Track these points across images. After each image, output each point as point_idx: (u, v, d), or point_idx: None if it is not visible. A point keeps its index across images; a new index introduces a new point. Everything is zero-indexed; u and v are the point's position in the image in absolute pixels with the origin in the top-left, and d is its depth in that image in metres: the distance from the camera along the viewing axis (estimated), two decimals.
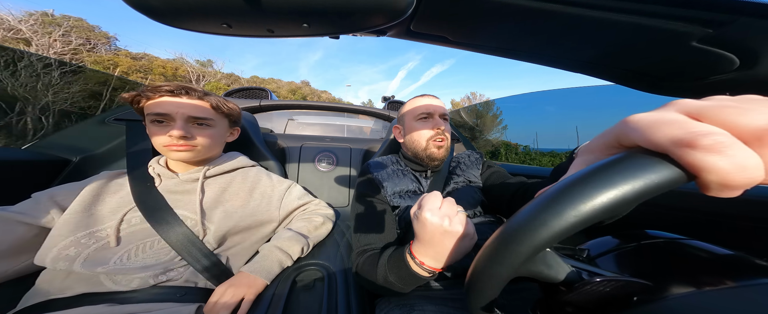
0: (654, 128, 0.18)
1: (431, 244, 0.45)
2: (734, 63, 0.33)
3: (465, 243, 0.44)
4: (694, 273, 0.25)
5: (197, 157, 0.71)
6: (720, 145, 0.15)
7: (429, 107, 0.80)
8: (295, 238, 0.74)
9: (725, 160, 0.15)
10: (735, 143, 0.15)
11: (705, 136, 0.16)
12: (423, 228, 0.44)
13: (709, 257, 0.28)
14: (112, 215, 0.63)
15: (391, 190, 0.78)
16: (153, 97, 0.65)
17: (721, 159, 0.15)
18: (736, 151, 0.15)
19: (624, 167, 0.18)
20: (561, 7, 0.29)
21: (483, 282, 0.24)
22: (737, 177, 0.15)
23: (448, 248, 0.44)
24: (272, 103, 1.61)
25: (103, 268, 0.56)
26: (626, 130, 0.20)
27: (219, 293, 0.58)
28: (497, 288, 0.24)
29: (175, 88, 0.66)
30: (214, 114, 0.72)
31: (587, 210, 0.18)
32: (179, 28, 0.31)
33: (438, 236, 0.43)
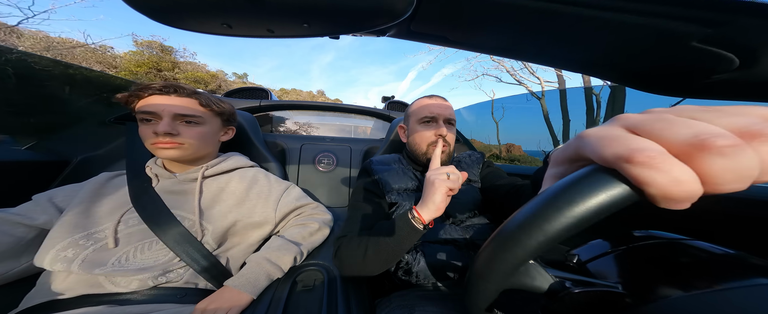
0: (601, 145, 0.18)
1: (428, 194, 0.57)
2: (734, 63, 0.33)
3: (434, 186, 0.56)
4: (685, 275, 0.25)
5: (186, 155, 0.70)
6: (651, 160, 0.16)
7: (433, 110, 0.78)
8: (287, 247, 0.72)
9: (661, 175, 0.16)
10: (666, 158, 0.16)
11: (639, 151, 0.16)
12: (426, 182, 0.59)
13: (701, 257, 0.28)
14: (109, 216, 0.63)
15: (390, 188, 0.77)
16: (143, 96, 0.65)
17: (656, 174, 0.16)
18: (669, 166, 0.16)
19: (581, 188, 0.19)
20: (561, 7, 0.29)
21: (475, 294, 0.26)
22: (675, 190, 0.16)
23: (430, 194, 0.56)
24: (272, 103, 1.61)
25: (101, 270, 0.56)
26: (581, 145, 0.20)
27: (199, 310, 0.55)
28: (490, 298, 0.25)
29: (163, 86, 0.65)
30: (204, 112, 0.71)
31: (553, 231, 0.19)
32: (179, 29, 0.31)
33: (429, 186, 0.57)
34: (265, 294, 0.63)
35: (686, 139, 0.16)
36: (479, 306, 0.26)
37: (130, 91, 0.65)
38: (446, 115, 0.79)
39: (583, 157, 0.20)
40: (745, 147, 0.15)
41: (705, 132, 0.15)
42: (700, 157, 0.15)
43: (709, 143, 0.15)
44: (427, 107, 0.79)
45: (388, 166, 0.84)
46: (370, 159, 0.91)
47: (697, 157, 0.15)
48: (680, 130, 0.16)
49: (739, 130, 0.15)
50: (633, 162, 0.16)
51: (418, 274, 0.67)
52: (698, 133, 0.15)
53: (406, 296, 0.65)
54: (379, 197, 0.77)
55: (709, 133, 0.15)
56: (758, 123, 0.15)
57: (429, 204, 0.56)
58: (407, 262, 0.69)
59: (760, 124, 0.15)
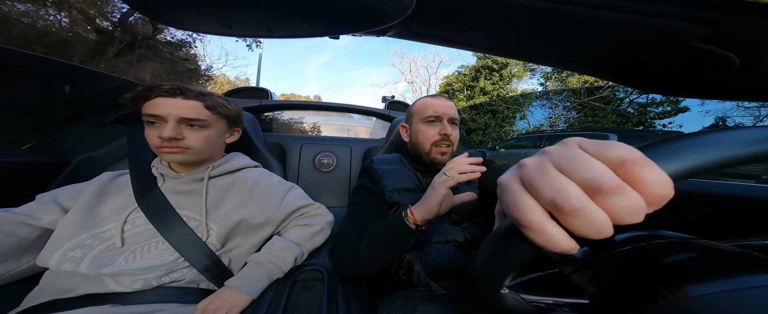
0: (505, 205, 0.22)
1: (427, 195, 0.58)
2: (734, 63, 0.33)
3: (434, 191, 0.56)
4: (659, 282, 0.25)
5: (191, 159, 0.70)
6: (530, 224, 0.19)
7: (438, 109, 0.78)
8: (288, 248, 0.72)
9: (539, 236, 0.19)
10: (542, 222, 0.19)
11: (523, 215, 0.19)
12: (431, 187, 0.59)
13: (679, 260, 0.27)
14: (115, 216, 0.63)
15: (391, 187, 0.77)
16: (150, 97, 0.64)
17: (536, 236, 0.19)
18: (544, 228, 0.19)
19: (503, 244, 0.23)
20: (561, 7, 0.29)
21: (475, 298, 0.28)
22: (555, 248, 0.19)
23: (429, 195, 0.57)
24: (272, 103, 1.61)
25: (108, 269, 0.56)
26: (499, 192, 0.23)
27: (200, 310, 0.55)
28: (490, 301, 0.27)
29: (170, 88, 0.65)
30: (210, 115, 0.71)
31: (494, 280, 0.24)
32: (179, 28, 0.31)
33: (431, 187, 0.58)
34: (265, 294, 0.63)
35: (549, 200, 0.19)
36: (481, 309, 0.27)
37: (136, 91, 0.65)
38: (450, 114, 0.78)
39: None
40: (589, 207, 0.17)
41: (559, 195, 0.18)
42: (560, 217, 0.18)
43: (561, 206, 0.18)
44: (432, 106, 0.79)
45: (389, 166, 0.84)
46: (371, 158, 0.91)
47: (559, 217, 0.19)
48: (546, 191, 0.19)
49: (586, 185, 0.18)
50: (519, 224, 0.20)
51: (419, 274, 0.67)
52: (554, 196, 0.18)
53: (408, 296, 0.65)
54: (379, 197, 0.77)
55: (561, 196, 0.18)
56: (598, 177, 0.18)
57: (424, 204, 0.57)
58: (408, 262, 0.69)
59: (599, 179, 0.18)
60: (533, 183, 0.20)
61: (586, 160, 0.19)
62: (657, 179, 0.17)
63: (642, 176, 0.17)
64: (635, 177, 0.17)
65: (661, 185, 0.17)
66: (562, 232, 0.19)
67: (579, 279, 0.30)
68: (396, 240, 0.59)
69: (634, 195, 0.17)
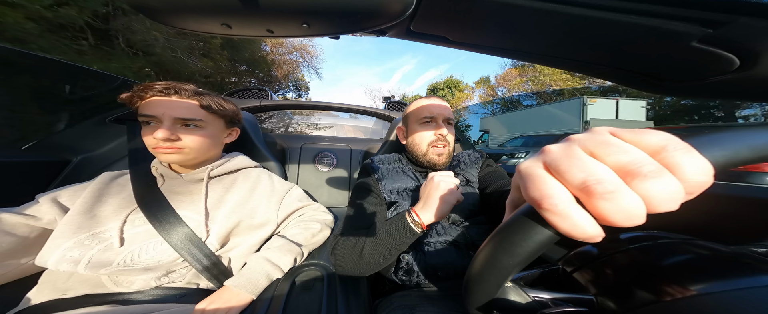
0: (525, 187, 0.20)
1: (428, 197, 0.58)
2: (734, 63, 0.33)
3: (447, 197, 0.57)
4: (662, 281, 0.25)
5: (187, 159, 0.69)
6: (554, 207, 0.18)
7: (432, 110, 0.78)
8: (288, 248, 0.72)
9: (562, 220, 0.18)
10: (567, 205, 0.18)
11: (546, 199, 0.18)
12: (429, 183, 0.61)
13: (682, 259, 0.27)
14: (114, 216, 0.63)
15: (390, 187, 0.78)
16: (145, 96, 0.64)
17: (558, 220, 0.18)
18: (568, 212, 0.18)
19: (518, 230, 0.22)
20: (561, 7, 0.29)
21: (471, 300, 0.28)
22: (576, 233, 0.18)
23: (436, 199, 0.57)
24: (272, 103, 1.61)
25: (106, 270, 0.56)
26: (518, 180, 0.22)
27: (199, 311, 0.55)
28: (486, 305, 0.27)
29: (165, 87, 0.65)
30: (205, 114, 0.70)
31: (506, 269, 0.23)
32: (179, 28, 0.31)
33: (433, 189, 0.58)
34: (264, 294, 0.63)
35: (579, 183, 0.18)
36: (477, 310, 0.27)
37: (132, 91, 0.65)
38: (445, 114, 0.79)
39: None
40: (623, 190, 0.17)
41: (591, 177, 0.17)
42: (589, 201, 0.17)
43: (592, 189, 0.17)
44: (427, 107, 0.80)
45: (388, 166, 0.84)
46: (370, 157, 0.91)
47: (588, 201, 0.17)
48: (576, 174, 0.18)
49: (622, 169, 0.17)
50: (541, 208, 0.19)
51: (419, 274, 0.67)
52: (586, 178, 0.17)
53: (407, 296, 0.65)
54: (378, 196, 0.77)
55: (594, 178, 0.17)
56: (635, 160, 0.17)
57: (433, 209, 0.57)
58: (408, 262, 0.69)
59: (637, 162, 0.17)
60: (560, 167, 0.19)
61: (621, 145, 0.18)
62: (698, 165, 0.16)
63: (682, 161, 0.16)
64: (675, 162, 0.17)
65: (702, 171, 0.16)
66: (588, 217, 0.18)
67: (582, 276, 0.30)
68: (399, 242, 0.60)
69: (674, 180, 0.16)
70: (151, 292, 0.58)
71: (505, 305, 0.27)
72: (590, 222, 0.18)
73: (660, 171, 0.16)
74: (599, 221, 0.18)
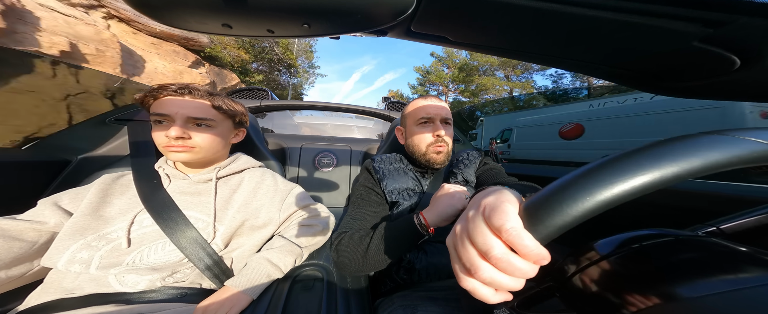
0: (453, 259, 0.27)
1: (438, 203, 0.59)
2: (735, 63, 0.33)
3: (453, 202, 0.57)
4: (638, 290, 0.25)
5: (197, 158, 0.70)
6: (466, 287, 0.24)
7: (430, 111, 0.79)
8: (288, 248, 0.72)
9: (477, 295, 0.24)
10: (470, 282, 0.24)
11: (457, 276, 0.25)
12: (441, 190, 0.61)
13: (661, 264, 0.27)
14: (121, 217, 0.63)
15: (391, 186, 0.78)
16: (158, 96, 0.65)
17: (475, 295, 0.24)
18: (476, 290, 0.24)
19: None
20: (562, 7, 0.29)
21: None
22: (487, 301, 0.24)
23: (446, 205, 0.57)
24: (273, 103, 1.61)
25: (115, 270, 0.57)
26: None
27: (200, 311, 0.55)
28: None
29: (179, 87, 0.66)
30: (216, 114, 0.71)
31: None
32: (179, 28, 0.31)
33: (445, 196, 0.59)
34: (265, 295, 0.63)
35: (467, 270, 0.24)
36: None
37: (146, 91, 0.65)
38: (443, 114, 0.79)
39: None
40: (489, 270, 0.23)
41: (467, 262, 0.24)
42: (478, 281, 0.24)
43: (470, 271, 0.24)
44: (424, 108, 0.80)
45: (389, 166, 0.84)
46: (371, 157, 0.91)
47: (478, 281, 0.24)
48: (462, 258, 0.25)
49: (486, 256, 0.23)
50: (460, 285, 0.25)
51: (420, 273, 0.67)
52: (465, 262, 0.24)
53: (409, 296, 0.65)
54: (379, 195, 0.78)
55: (468, 263, 0.24)
56: (490, 249, 0.22)
57: (442, 215, 0.57)
58: (409, 261, 0.69)
59: (491, 250, 0.22)
60: (458, 254, 0.26)
61: (482, 232, 0.23)
62: (527, 246, 0.21)
63: (515, 244, 0.21)
64: (511, 244, 0.22)
65: (531, 251, 0.21)
66: (491, 290, 0.24)
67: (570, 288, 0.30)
68: (406, 244, 0.61)
69: (517, 260, 0.22)
70: (155, 292, 0.58)
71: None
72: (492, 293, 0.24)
73: (504, 256, 0.22)
74: None
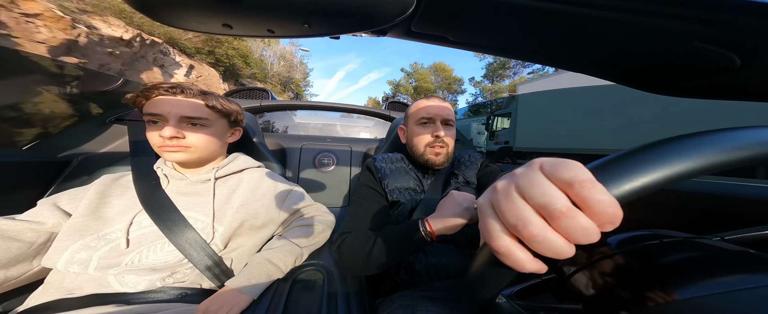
0: (481, 230, 0.24)
1: (444, 211, 0.58)
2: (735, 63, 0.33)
3: (458, 210, 0.57)
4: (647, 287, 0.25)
5: (192, 157, 0.70)
6: (500, 248, 0.21)
7: (430, 111, 0.79)
8: (288, 249, 0.72)
9: (507, 259, 0.20)
10: (509, 247, 0.20)
11: (491, 241, 0.21)
12: (448, 197, 0.60)
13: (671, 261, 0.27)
14: (120, 217, 0.63)
15: (392, 186, 0.78)
16: (151, 96, 0.65)
17: (505, 258, 0.21)
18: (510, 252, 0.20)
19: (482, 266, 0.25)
20: (561, 7, 0.29)
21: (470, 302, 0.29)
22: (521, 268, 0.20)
23: (452, 214, 0.57)
24: (273, 103, 1.61)
25: (114, 270, 0.57)
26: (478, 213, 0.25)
27: (201, 311, 0.55)
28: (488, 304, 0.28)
29: (171, 86, 0.65)
30: (210, 113, 0.71)
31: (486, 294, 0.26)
32: (179, 28, 0.31)
33: (451, 204, 0.58)
34: (265, 295, 0.63)
35: (511, 226, 0.20)
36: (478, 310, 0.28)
37: (137, 91, 0.65)
38: (444, 115, 0.79)
39: None
40: (545, 231, 0.19)
41: (519, 222, 0.19)
42: (523, 239, 0.20)
43: (521, 233, 0.19)
44: (425, 108, 0.80)
45: (391, 165, 0.84)
46: (373, 156, 0.91)
47: (523, 240, 0.20)
48: (509, 218, 0.20)
49: (541, 210, 0.19)
50: (491, 249, 0.21)
51: (420, 273, 0.67)
52: (516, 223, 0.20)
53: (409, 296, 0.65)
54: (381, 194, 0.78)
55: (521, 223, 0.19)
56: (549, 201, 0.19)
57: (446, 223, 0.57)
58: (409, 261, 0.69)
59: (550, 203, 0.19)
60: (500, 208, 0.21)
61: (542, 185, 0.20)
62: (601, 201, 0.18)
63: (587, 198, 0.18)
64: (582, 198, 0.18)
65: (605, 207, 0.18)
66: (528, 255, 0.20)
67: (572, 284, 0.30)
68: (410, 248, 0.61)
69: (583, 218, 0.18)
70: (155, 292, 0.58)
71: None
72: (529, 259, 0.20)
73: (570, 212, 0.18)
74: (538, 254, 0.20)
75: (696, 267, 0.25)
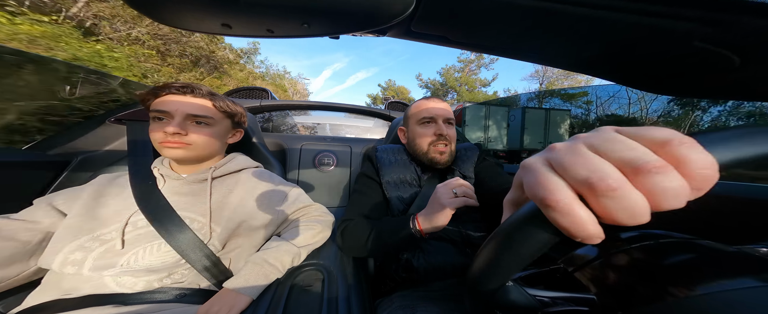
0: (529, 183, 0.20)
1: (431, 207, 0.60)
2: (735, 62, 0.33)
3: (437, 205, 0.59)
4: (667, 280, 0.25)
5: (191, 155, 0.70)
6: (557, 204, 0.17)
7: (432, 111, 0.80)
8: (287, 249, 0.71)
9: (564, 218, 0.17)
10: (570, 202, 0.17)
11: (549, 195, 0.18)
12: (434, 193, 0.61)
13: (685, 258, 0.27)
14: (116, 218, 0.63)
15: (388, 177, 0.80)
16: (161, 94, 0.66)
17: (561, 217, 0.17)
18: (570, 209, 0.17)
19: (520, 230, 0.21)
20: (561, 7, 0.29)
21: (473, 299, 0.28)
22: (577, 231, 0.17)
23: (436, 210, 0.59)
24: (273, 103, 1.61)
25: (110, 271, 0.56)
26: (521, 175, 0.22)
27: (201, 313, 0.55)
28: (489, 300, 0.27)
29: (182, 86, 0.67)
30: (216, 113, 0.72)
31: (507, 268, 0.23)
32: (179, 28, 0.31)
33: (435, 201, 0.60)
34: (265, 295, 0.63)
35: (582, 180, 0.17)
36: (479, 308, 0.27)
37: (149, 90, 0.67)
38: (445, 115, 0.80)
39: None
40: (626, 188, 0.16)
41: (594, 174, 0.17)
42: (593, 198, 0.17)
43: (596, 187, 0.16)
44: (427, 108, 0.81)
45: (392, 157, 0.85)
46: (375, 146, 0.92)
47: (591, 199, 0.17)
48: (579, 171, 0.17)
49: (626, 165, 0.17)
50: (543, 205, 0.18)
51: (418, 270, 0.68)
52: (589, 175, 0.17)
53: (408, 296, 0.65)
54: (378, 184, 0.81)
55: (597, 175, 0.16)
56: (639, 156, 0.16)
57: (432, 220, 0.59)
58: (407, 260, 0.69)
59: (640, 158, 0.16)
60: (564, 163, 0.18)
61: (625, 141, 0.18)
62: (703, 160, 0.16)
63: (687, 156, 0.16)
64: (680, 156, 0.16)
65: (707, 166, 0.16)
66: (591, 216, 0.17)
67: (583, 276, 0.30)
68: (400, 242, 0.64)
69: (678, 176, 0.16)
70: (153, 293, 0.58)
71: (507, 304, 0.27)
72: (592, 220, 0.17)
73: (664, 166, 0.16)
74: (603, 220, 0.17)
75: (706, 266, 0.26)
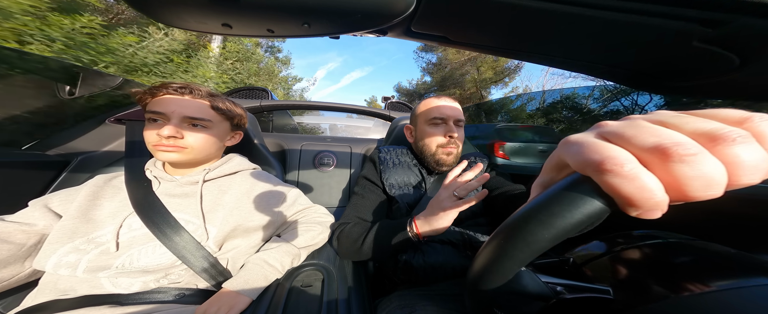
0: (577, 153, 0.18)
1: (430, 211, 0.59)
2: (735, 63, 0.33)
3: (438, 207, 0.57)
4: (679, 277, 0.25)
5: (186, 158, 0.68)
6: (618, 168, 0.16)
7: (444, 111, 0.78)
8: (286, 250, 0.71)
9: (626, 183, 0.16)
10: (633, 166, 0.16)
11: (608, 159, 0.16)
12: (436, 197, 0.59)
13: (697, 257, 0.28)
14: (110, 219, 0.62)
15: (392, 180, 0.78)
16: (158, 94, 0.64)
17: (622, 182, 0.16)
18: (634, 174, 0.16)
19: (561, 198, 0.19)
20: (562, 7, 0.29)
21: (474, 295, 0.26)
22: (640, 198, 0.16)
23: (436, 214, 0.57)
24: (273, 103, 1.61)
25: (105, 273, 0.56)
26: (563, 152, 0.20)
27: (200, 313, 0.54)
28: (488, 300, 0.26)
29: (180, 86, 0.65)
30: (214, 115, 0.70)
31: (538, 244, 0.20)
32: (179, 28, 0.31)
33: (435, 204, 0.58)
34: (264, 295, 0.63)
35: (651, 146, 0.16)
36: (479, 307, 0.27)
37: (145, 89, 0.64)
38: (456, 116, 0.78)
39: (565, 163, 0.20)
40: (705, 154, 0.15)
41: (667, 140, 0.15)
42: (663, 165, 0.15)
43: (669, 151, 0.15)
44: (438, 108, 0.79)
45: (395, 158, 0.84)
46: (377, 147, 0.91)
47: (661, 165, 0.15)
48: (647, 138, 0.16)
49: (704, 135, 0.15)
50: (602, 170, 0.16)
51: (418, 271, 0.68)
52: (661, 141, 0.15)
53: (407, 296, 0.65)
54: (380, 187, 0.79)
55: (671, 140, 0.15)
56: (720, 127, 0.15)
57: (432, 224, 0.58)
58: (406, 261, 0.69)
59: (722, 128, 0.15)
60: (625, 134, 0.17)
61: (696, 117, 0.16)
62: None
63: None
64: (762, 132, 0.15)
65: None
66: (659, 183, 0.16)
67: (594, 269, 0.30)
68: (396, 246, 0.63)
69: (762, 149, 0.15)
70: (150, 294, 0.58)
71: (519, 290, 0.26)
72: (660, 187, 0.16)
73: (748, 137, 0.15)
74: (670, 190, 0.16)
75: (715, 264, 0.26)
